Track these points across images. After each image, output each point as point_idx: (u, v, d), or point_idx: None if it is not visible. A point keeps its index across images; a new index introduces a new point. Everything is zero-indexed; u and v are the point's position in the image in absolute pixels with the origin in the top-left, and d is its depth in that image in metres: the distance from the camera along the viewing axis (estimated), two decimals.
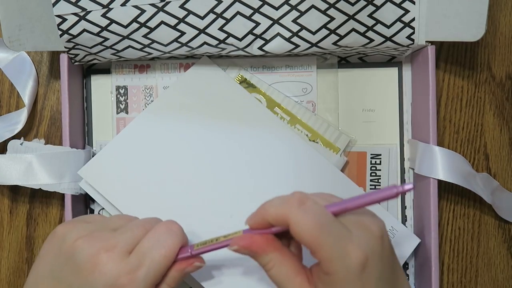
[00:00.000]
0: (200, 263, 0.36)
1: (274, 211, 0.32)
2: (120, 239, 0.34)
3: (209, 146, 0.44)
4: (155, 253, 0.33)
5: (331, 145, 0.46)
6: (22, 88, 0.46)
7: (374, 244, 0.31)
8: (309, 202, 0.31)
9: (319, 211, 0.30)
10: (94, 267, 0.32)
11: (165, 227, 0.35)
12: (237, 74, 0.46)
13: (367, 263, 0.30)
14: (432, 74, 0.43)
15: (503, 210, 0.47)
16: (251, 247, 0.33)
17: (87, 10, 0.40)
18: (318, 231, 0.30)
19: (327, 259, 0.30)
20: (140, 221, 0.36)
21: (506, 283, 0.48)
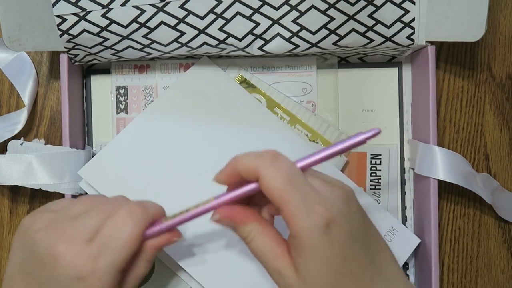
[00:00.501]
0: (176, 237, 0.35)
1: (246, 162, 0.32)
2: (79, 228, 0.32)
3: (209, 146, 0.44)
4: (115, 242, 0.32)
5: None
6: (22, 88, 0.46)
7: (340, 205, 0.31)
8: (282, 158, 0.31)
9: (290, 168, 0.31)
10: (54, 261, 0.31)
11: (125, 213, 0.33)
12: (237, 74, 0.46)
13: (333, 223, 0.30)
14: (432, 74, 0.43)
15: (503, 210, 0.47)
16: (232, 217, 0.33)
17: (87, 10, 0.40)
18: (287, 186, 0.30)
19: (293, 217, 0.30)
20: (102, 205, 0.34)
21: (506, 283, 0.48)
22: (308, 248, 0.30)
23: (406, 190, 0.47)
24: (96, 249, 0.32)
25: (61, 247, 0.31)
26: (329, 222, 0.29)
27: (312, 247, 0.30)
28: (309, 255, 0.30)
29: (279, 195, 0.30)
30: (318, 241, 0.29)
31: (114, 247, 0.32)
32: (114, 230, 0.32)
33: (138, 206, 0.34)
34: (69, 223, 0.33)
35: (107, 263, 0.31)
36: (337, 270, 0.30)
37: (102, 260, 0.31)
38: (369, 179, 0.47)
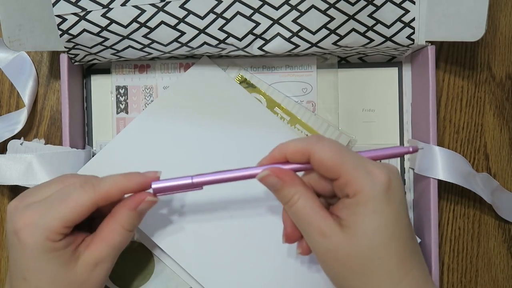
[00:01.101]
0: (152, 198, 0.35)
1: (293, 145, 0.33)
2: (33, 192, 0.34)
3: (209, 146, 0.44)
4: (55, 202, 0.33)
5: None
6: (22, 88, 0.46)
7: (392, 167, 0.32)
8: (327, 138, 0.33)
9: (337, 143, 0.33)
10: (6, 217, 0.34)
11: (77, 184, 0.34)
12: (237, 74, 0.46)
13: (390, 183, 0.31)
14: (432, 74, 0.43)
15: (503, 210, 0.47)
16: (280, 175, 0.33)
17: (87, 10, 0.40)
18: (339, 154, 0.31)
19: (353, 178, 0.31)
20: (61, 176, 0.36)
21: (506, 283, 0.48)
22: (367, 204, 0.31)
23: (406, 190, 0.47)
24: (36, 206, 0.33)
25: (12, 205, 0.34)
26: (388, 183, 0.31)
27: (372, 204, 0.31)
28: (366, 211, 0.31)
29: (334, 164, 0.31)
30: (378, 197, 0.30)
31: (51, 206, 0.33)
32: (59, 194, 0.33)
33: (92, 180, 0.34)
34: (30, 190, 0.35)
35: (38, 218, 0.32)
36: (389, 231, 0.31)
37: (34, 215, 0.33)
38: None
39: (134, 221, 0.35)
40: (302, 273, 0.42)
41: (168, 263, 0.43)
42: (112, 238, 0.34)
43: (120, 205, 0.35)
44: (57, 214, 0.33)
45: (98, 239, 0.34)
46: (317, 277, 0.42)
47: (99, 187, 0.34)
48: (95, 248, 0.34)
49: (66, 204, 0.33)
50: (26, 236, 0.32)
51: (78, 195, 0.33)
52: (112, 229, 0.34)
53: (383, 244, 0.30)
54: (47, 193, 0.34)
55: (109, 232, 0.34)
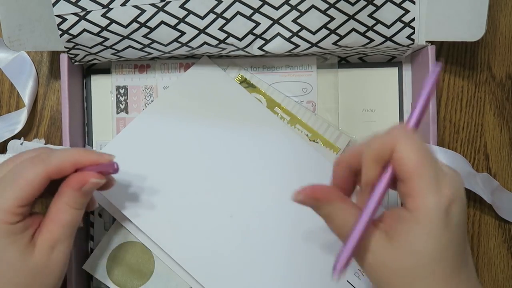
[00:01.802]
0: (96, 179, 0.34)
1: (379, 140, 0.31)
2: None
3: (209, 146, 0.44)
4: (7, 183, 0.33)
5: (331, 145, 0.46)
6: (22, 88, 0.46)
7: (460, 189, 0.30)
8: (413, 133, 0.30)
9: (423, 143, 0.30)
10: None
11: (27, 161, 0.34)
12: (237, 74, 0.46)
13: (453, 205, 0.29)
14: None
15: (503, 210, 0.47)
16: (315, 196, 0.32)
17: (87, 10, 0.40)
18: (423, 159, 0.29)
19: (421, 191, 0.29)
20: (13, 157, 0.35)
21: (506, 283, 0.48)
22: (423, 223, 0.29)
23: None
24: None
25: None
26: (450, 204, 0.29)
27: (428, 224, 0.29)
28: (421, 230, 0.29)
29: (414, 167, 0.29)
30: (436, 220, 0.29)
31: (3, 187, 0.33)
32: (10, 174, 0.33)
33: (42, 155, 0.34)
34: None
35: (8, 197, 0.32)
36: (441, 251, 0.30)
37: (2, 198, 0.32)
38: None
39: (80, 199, 0.34)
40: (303, 272, 0.42)
41: (168, 263, 0.43)
42: (61, 218, 0.34)
43: (64, 184, 0.34)
44: (9, 195, 0.32)
45: (48, 220, 0.34)
46: (318, 277, 0.42)
47: (49, 160, 0.33)
48: (46, 230, 0.34)
49: (17, 183, 0.32)
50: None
51: (28, 172, 0.33)
52: (59, 209, 0.34)
53: (429, 266, 0.30)
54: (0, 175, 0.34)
55: (57, 212, 0.34)
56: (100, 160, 0.35)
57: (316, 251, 0.43)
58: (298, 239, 0.43)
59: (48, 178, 0.33)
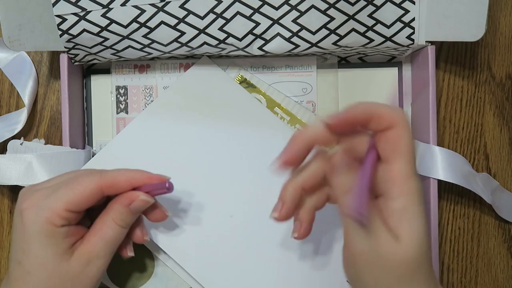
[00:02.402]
0: (146, 197, 0.35)
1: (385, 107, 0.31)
2: (45, 181, 0.35)
3: (209, 146, 0.44)
4: (61, 186, 0.34)
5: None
6: (22, 88, 0.46)
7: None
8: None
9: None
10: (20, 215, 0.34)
11: (84, 171, 0.35)
12: (237, 74, 0.46)
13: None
14: (432, 74, 0.43)
15: (503, 210, 0.47)
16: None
17: (87, 10, 0.40)
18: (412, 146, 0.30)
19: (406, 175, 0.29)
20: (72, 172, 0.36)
21: (506, 283, 0.48)
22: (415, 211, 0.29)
23: None
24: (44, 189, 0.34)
25: (24, 189, 0.35)
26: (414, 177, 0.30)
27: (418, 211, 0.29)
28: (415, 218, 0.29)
29: (407, 150, 0.30)
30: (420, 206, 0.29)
31: (57, 189, 0.33)
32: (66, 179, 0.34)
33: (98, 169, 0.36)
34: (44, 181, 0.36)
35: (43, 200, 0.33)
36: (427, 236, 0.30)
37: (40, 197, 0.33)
38: None
39: (127, 218, 0.35)
40: (303, 272, 0.42)
41: (168, 263, 0.43)
42: (104, 232, 0.35)
43: (114, 200, 0.35)
44: (61, 196, 0.33)
45: (91, 233, 0.35)
46: (318, 277, 0.42)
47: (105, 173, 0.35)
48: (88, 241, 0.34)
49: (71, 186, 0.33)
50: (28, 216, 0.33)
51: (83, 179, 0.34)
52: (104, 223, 0.35)
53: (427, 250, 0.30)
54: (58, 180, 0.35)
55: (102, 226, 0.35)
56: (153, 179, 0.35)
57: (316, 251, 0.43)
58: None
59: (101, 190, 0.34)
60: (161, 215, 0.38)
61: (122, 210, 0.35)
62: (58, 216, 0.33)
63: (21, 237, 0.33)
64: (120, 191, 0.35)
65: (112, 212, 0.35)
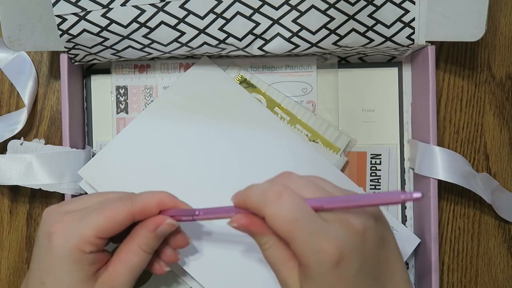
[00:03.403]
0: (172, 221, 0.35)
1: (253, 201, 0.32)
2: (73, 201, 0.35)
3: (209, 146, 0.44)
4: (92, 211, 0.33)
5: (331, 145, 0.46)
6: (22, 88, 0.46)
7: (353, 239, 0.30)
8: (286, 195, 0.30)
9: (295, 205, 0.30)
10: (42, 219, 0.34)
11: (115, 197, 0.35)
12: (237, 74, 0.46)
13: (342, 259, 0.29)
14: (432, 74, 0.43)
15: (503, 210, 0.47)
16: (250, 227, 0.33)
17: (87, 10, 0.40)
18: (291, 226, 0.30)
19: (301, 254, 0.30)
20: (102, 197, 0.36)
21: (506, 283, 0.48)
22: (314, 279, 0.30)
23: (406, 190, 0.47)
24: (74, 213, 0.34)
25: (51, 209, 0.35)
26: (338, 260, 0.29)
27: (319, 280, 0.30)
28: (314, 285, 0.30)
29: (285, 235, 0.30)
30: (325, 276, 0.30)
31: (88, 215, 0.33)
32: (97, 205, 0.34)
33: (129, 194, 0.35)
34: (71, 200, 0.36)
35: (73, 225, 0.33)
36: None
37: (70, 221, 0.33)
38: (369, 179, 0.47)
39: (152, 242, 0.35)
40: None
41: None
42: (130, 259, 0.34)
43: (139, 226, 0.35)
44: (92, 222, 0.33)
45: (116, 259, 0.34)
46: None
47: (136, 199, 0.34)
48: (112, 268, 0.34)
49: (103, 213, 0.33)
50: (58, 239, 0.32)
51: (115, 205, 0.33)
52: (130, 249, 0.34)
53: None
54: (87, 204, 0.35)
55: (127, 253, 0.34)
56: (181, 205, 0.36)
57: None
58: None
59: (133, 216, 0.34)
60: (183, 241, 0.37)
61: (148, 235, 0.34)
62: (88, 243, 0.33)
63: (47, 258, 0.33)
64: (150, 216, 0.35)
65: (138, 237, 0.34)
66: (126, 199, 0.34)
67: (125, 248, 0.35)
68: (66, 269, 0.33)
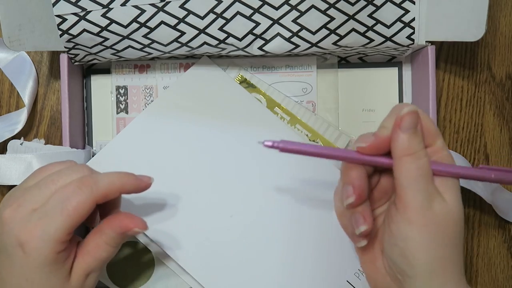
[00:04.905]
0: (140, 228, 0.35)
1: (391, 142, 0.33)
2: (27, 198, 0.33)
3: (209, 145, 0.44)
4: (54, 211, 0.33)
5: (331, 145, 0.46)
6: (22, 88, 0.46)
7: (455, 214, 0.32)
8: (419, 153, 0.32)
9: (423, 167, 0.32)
10: (2, 229, 0.33)
11: (74, 186, 0.33)
12: (237, 74, 0.46)
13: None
14: (432, 74, 0.43)
15: (503, 210, 0.47)
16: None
17: (87, 10, 0.40)
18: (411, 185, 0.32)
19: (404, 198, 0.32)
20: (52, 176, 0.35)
21: (506, 283, 0.48)
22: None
23: None
24: (37, 216, 0.32)
25: (7, 214, 0.33)
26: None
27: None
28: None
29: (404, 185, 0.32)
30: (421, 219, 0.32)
31: (53, 215, 0.32)
32: (59, 201, 0.33)
33: (88, 179, 0.34)
34: (21, 195, 0.34)
35: (45, 229, 0.32)
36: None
37: (39, 227, 0.32)
38: None
39: (120, 241, 0.36)
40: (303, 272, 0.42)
41: (168, 263, 0.43)
42: (99, 254, 0.35)
43: (107, 224, 0.35)
44: (61, 223, 0.32)
45: (85, 252, 0.35)
46: (317, 277, 0.42)
47: (96, 187, 0.34)
48: (83, 261, 0.35)
49: (66, 211, 0.32)
50: (33, 248, 0.32)
51: (76, 199, 0.33)
52: (99, 246, 0.35)
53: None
54: (42, 199, 0.33)
55: (95, 247, 0.35)
56: (142, 181, 0.36)
57: (315, 251, 0.43)
58: (298, 238, 0.43)
59: (95, 204, 0.34)
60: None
61: (116, 236, 0.35)
62: (60, 242, 0.33)
63: (23, 268, 0.33)
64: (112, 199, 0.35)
65: (105, 236, 0.35)
66: (85, 189, 0.33)
67: (93, 244, 0.35)
68: (45, 274, 0.33)
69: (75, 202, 0.33)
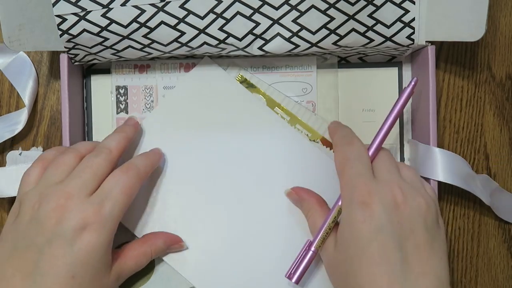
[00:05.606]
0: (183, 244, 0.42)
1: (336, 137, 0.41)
2: (75, 187, 0.35)
3: (213, 146, 0.44)
4: (115, 191, 0.36)
5: (331, 145, 0.46)
6: (22, 88, 0.46)
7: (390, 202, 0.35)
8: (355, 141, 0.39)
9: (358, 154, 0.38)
10: (60, 216, 0.34)
11: (120, 171, 0.37)
12: (237, 74, 0.46)
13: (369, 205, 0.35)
14: (432, 74, 0.43)
15: (502, 211, 0.47)
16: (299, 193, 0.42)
17: (87, 10, 0.40)
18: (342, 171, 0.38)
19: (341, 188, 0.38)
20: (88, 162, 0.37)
21: (506, 283, 0.48)
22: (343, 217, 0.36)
23: None
24: (99, 200, 0.35)
25: (65, 203, 0.34)
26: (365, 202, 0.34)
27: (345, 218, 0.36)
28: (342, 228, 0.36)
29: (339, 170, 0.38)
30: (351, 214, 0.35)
31: (114, 196, 0.36)
32: (113, 184, 0.36)
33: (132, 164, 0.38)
34: (59, 186, 0.35)
35: (110, 211, 0.35)
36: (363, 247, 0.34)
37: (106, 208, 0.35)
38: None
39: (162, 252, 0.41)
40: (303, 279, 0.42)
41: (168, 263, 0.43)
42: (140, 260, 0.39)
43: (157, 236, 0.41)
44: (123, 203, 0.36)
45: (128, 256, 0.39)
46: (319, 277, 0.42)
47: (139, 170, 0.38)
48: (124, 263, 0.38)
49: (126, 191, 0.36)
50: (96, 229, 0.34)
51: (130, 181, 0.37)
52: (143, 252, 0.39)
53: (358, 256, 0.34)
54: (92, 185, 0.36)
55: (141, 255, 0.39)
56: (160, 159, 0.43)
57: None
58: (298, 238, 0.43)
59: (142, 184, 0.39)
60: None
61: (164, 248, 0.41)
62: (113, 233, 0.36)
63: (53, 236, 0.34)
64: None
65: (154, 246, 0.40)
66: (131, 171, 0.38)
67: (139, 250, 0.39)
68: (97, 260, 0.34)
69: (130, 183, 0.37)
